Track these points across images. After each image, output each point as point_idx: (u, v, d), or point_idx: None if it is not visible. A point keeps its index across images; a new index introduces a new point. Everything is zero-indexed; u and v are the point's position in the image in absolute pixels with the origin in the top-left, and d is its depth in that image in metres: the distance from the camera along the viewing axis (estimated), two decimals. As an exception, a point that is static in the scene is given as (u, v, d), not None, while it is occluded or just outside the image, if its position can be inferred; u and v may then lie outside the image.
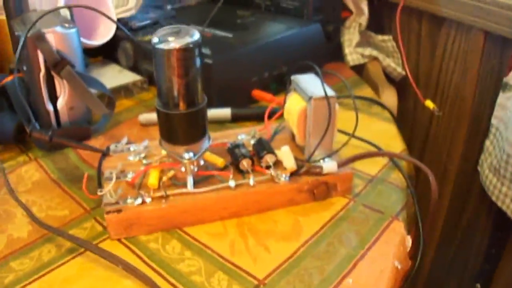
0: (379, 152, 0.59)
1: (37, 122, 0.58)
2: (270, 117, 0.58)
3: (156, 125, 0.48)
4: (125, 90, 0.76)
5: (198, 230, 0.47)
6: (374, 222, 0.48)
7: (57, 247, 0.46)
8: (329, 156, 0.51)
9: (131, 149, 0.55)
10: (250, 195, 0.48)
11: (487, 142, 0.76)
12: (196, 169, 0.48)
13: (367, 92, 0.79)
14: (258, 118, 0.68)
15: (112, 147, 0.55)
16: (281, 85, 0.75)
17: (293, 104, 0.53)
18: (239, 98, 0.70)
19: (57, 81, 0.59)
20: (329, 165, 0.50)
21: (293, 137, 0.56)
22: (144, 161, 0.52)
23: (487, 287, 0.92)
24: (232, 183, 0.48)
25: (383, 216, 0.49)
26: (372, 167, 0.57)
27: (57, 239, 0.46)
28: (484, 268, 0.92)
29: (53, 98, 0.60)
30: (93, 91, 0.61)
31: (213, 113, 0.68)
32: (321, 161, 0.51)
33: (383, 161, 0.59)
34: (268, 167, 0.51)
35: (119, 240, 0.46)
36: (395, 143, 0.63)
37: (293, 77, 0.54)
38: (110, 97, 0.65)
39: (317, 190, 0.51)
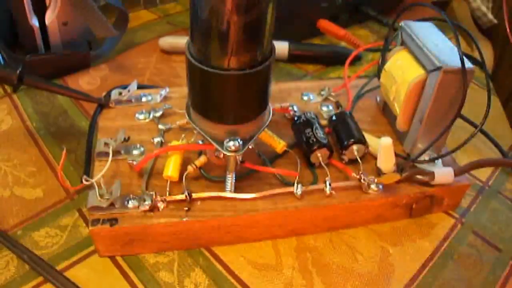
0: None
1: (20, 42, 0.41)
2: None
3: (184, 53, 0.28)
4: (144, -3, 0.56)
5: (236, 254, 0.31)
6: (490, 266, 0.32)
7: (20, 262, 0.30)
8: (441, 157, 0.33)
9: (143, 99, 0.37)
10: (324, 210, 0.31)
11: None
12: (240, 159, 0.31)
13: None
14: (326, 60, 0.50)
15: (114, 94, 0.37)
16: (354, 18, 0.58)
17: (403, 69, 0.34)
18: (299, 27, 0.53)
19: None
20: (443, 173, 0.33)
21: (383, 109, 0.38)
22: (161, 126, 0.35)
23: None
24: (298, 189, 0.31)
25: (500, 257, 0.33)
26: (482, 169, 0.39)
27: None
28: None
29: (40, 10, 0.42)
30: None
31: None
32: (431, 163, 0.33)
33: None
34: (350, 162, 0.33)
35: (111, 258, 0.30)
36: (501, 127, 0.45)
37: (404, 24, 0.35)
38: (121, 10, 0.45)
39: (417, 205, 0.34)
